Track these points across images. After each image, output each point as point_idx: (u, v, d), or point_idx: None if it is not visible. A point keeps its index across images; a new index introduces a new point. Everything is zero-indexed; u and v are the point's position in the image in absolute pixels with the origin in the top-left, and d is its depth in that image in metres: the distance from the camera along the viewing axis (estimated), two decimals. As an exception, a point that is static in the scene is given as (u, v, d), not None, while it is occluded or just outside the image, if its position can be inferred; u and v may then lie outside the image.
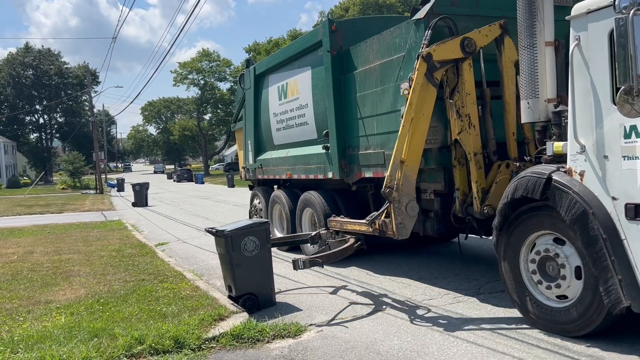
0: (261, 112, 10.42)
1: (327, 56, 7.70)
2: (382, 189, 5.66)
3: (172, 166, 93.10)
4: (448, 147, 6.01)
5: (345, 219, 7.08)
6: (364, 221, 6.38)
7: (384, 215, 5.84)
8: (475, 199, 5.63)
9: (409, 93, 5.54)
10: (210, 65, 63.27)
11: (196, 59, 62.91)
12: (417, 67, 5.49)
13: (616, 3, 3.46)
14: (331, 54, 7.63)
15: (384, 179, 5.79)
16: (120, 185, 40.51)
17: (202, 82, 63.67)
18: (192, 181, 51.49)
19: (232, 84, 61.43)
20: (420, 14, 6.01)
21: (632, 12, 3.35)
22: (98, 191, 39.07)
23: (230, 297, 6.14)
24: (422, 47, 5.62)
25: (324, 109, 8.05)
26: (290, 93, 9.21)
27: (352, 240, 6.75)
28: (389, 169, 5.68)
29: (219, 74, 64.09)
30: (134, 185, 24.86)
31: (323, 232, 7.36)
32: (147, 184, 25.65)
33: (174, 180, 56.22)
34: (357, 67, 7.37)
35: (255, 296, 5.93)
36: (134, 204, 24.32)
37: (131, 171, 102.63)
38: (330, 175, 7.98)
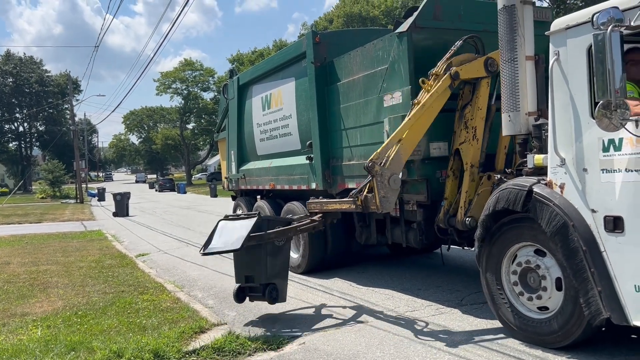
0: (245, 123, 10.40)
1: (311, 67, 7.73)
2: (365, 164, 5.63)
3: (154, 176, 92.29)
4: (430, 159, 6.07)
5: (325, 199, 6.88)
6: (345, 199, 6.30)
7: (366, 190, 5.79)
8: (461, 208, 5.69)
9: (425, 91, 5.66)
10: (194, 74, 63.07)
11: (179, 69, 62.65)
12: (441, 78, 5.59)
13: (594, 19, 3.52)
14: (315, 66, 7.65)
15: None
16: (101, 195, 39.99)
17: (185, 91, 63.40)
18: (175, 191, 51.07)
19: (215, 93, 61.26)
20: (403, 27, 6.07)
21: (609, 28, 3.41)
22: (78, 200, 38.52)
23: (242, 288, 6.02)
24: (445, 60, 5.70)
25: (307, 119, 8.06)
26: (274, 103, 9.20)
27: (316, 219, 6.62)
28: (380, 149, 5.66)
29: (203, 83, 63.90)
30: (115, 195, 24.56)
31: (295, 217, 7.29)
32: (129, 193, 25.36)
33: (156, 190, 55.69)
34: (341, 78, 7.40)
35: (277, 287, 5.90)
36: (115, 214, 24.02)
37: (112, 180, 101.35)
38: (313, 186, 7.97)
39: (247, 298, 6.07)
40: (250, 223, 5.84)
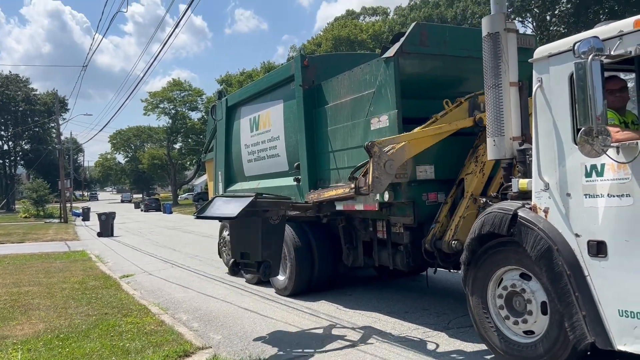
0: (232, 143, 10.41)
1: (299, 90, 7.79)
2: (366, 143, 5.66)
3: (140, 195, 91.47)
4: (417, 181, 6.12)
5: (323, 189, 6.97)
6: (340, 184, 6.41)
7: (362, 173, 5.79)
8: (450, 230, 5.73)
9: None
10: (182, 94, 63.10)
11: (167, 89, 62.65)
12: (459, 107, 5.91)
13: (575, 48, 3.61)
14: (303, 88, 7.72)
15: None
16: (85, 215, 39.47)
17: (173, 111, 63.32)
18: (160, 211, 50.60)
19: (203, 113, 61.24)
20: (390, 52, 6.16)
21: (590, 57, 3.50)
22: (62, 220, 37.98)
23: (237, 263, 6.25)
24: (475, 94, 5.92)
25: (295, 141, 8.10)
26: (262, 125, 9.24)
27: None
28: (386, 138, 5.73)
29: (191, 103, 63.90)
30: (99, 215, 24.29)
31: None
32: (114, 213, 25.09)
33: (142, 210, 55.13)
34: (329, 101, 7.47)
35: (271, 265, 6.01)
36: (99, 234, 23.73)
37: (97, 200, 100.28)
38: (300, 207, 7.96)
39: (242, 272, 6.29)
40: (248, 199, 6.00)
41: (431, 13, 43.64)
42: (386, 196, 6.09)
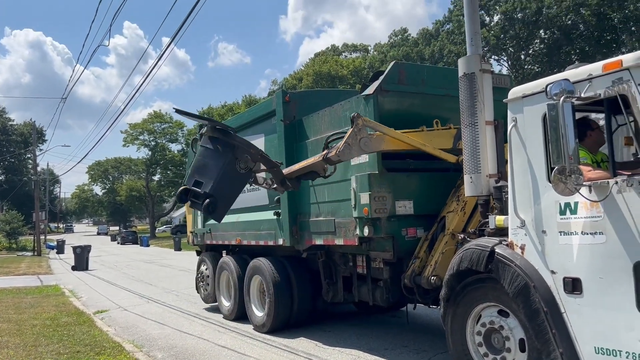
0: (212, 177, 10.36)
1: (280, 125, 7.86)
2: (354, 114, 5.80)
3: (117, 227, 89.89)
4: (396, 216, 6.16)
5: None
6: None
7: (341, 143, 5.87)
8: (430, 266, 5.74)
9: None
10: (162, 126, 62.93)
11: (147, 120, 62.47)
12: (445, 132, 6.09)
13: (548, 90, 3.74)
14: (284, 123, 7.79)
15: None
16: (60, 247, 38.55)
17: (152, 143, 63.01)
18: (137, 243, 49.72)
19: (183, 145, 61.04)
20: (370, 90, 6.29)
21: (562, 98, 3.62)
22: (36, 253, 37.03)
23: (187, 190, 5.71)
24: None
25: (275, 175, 8.11)
26: (242, 159, 9.24)
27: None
28: (376, 124, 5.87)
29: (171, 135, 63.72)
30: (74, 248, 23.77)
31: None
32: (89, 246, 24.58)
33: (118, 243, 54.11)
34: (310, 136, 7.54)
35: (217, 205, 5.65)
36: (74, 268, 23.16)
37: (73, 232, 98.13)
38: (280, 241, 7.93)
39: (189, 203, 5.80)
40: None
41: (409, 51, 44.76)
42: (366, 231, 6.11)
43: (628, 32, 33.97)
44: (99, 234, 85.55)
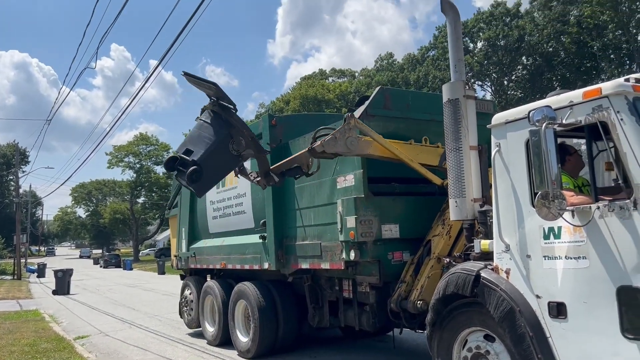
0: (197, 200, 10.31)
1: (266, 148, 7.86)
2: (348, 114, 5.92)
3: (100, 251, 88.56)
4: (382, 240, 6.16)
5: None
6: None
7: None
8: (416, 290, 5.72)
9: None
10: (148, 149, 62.62)
11: (133, 143, 62.15)
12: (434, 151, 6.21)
13: (530, 116, 3.81)
14: (271, 147, 7.80)
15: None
16: (40, 271, 37.80)
17: (137, 165, 62.58)
18: (120, 267, 48.96)
19: (169, 168, 60.67)
20: (356, 114, 6.34)
21: (544, 125, 3.69)
22: (15, 277, 36.23)
23: (175, 158, 5.63)
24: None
25: (262, 198, 8.09)
26: (228, 182, 9.22)
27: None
28: (368, 128, 5.97)
29: (157, 157, 63.39)
30: (56, 272, 23.32)
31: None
32: (71, 270, 24.14)
33: (101, 266, 53.27)
34: (296, 160, 7.54)
35: (203, 176, 5.54)
36: (55, 292, 22.70)
37: (54, 255, 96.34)
38: (266, 265, 7.87)
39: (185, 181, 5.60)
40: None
41: (395, 76, 45.39)
42: (352, 255, 6.09)
43: (607, 60, 34.88)
44: (81, 257, 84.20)
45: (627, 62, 34.78)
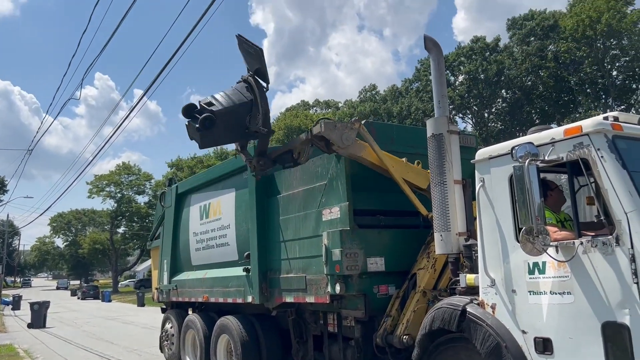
0: (180, 231, 10.21)
1: (251, 180, 7.86)
2: (357, 119, 6.10)
3: (78, 282, 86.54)
4: (368, 273, 6.13)
5: None
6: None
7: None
8: (402, 324, 5.68)
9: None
10: (130, 178, 62.01)
11: (115, 172, 61.55)
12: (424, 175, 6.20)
13: (513, 152, 3.88)
14: (256, 178, 7.79)
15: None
16: (15, 303, 36.69)
17: (119, 195, 61.82)
18: (99, 299, 47.87)
19: (150, 197, 60.09)
20: (342, 147, 6.38)
21: (527, 161, 3.76)
22: (-11, 309, 35.17)
23: (194, 106, 5.95)
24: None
25: (246, 230, 8.04)
26: (212, 213, 9.17)
27: None
28: (367, 133, 6.12)
29: (138, 187, 62.77)
30: (32, 304, 22.70)
31: None
32: (48, 302, 23.52)
33: (79, 298, 52.00)
34: (281, 191, 7.54)
35: (215, 124, 5.83)
36: (30, 325, 22.03)
37: (31, 287, 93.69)
38: (249, 299, 7.76)
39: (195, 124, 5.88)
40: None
41: (378, 107, 46.00)
42: (337, 288, 6.04)
43: (584, 94, 35.87)
44: (58, 288, 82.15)
45: (603, 96, 35.80)
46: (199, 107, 5.88)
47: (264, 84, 6.18)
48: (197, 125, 5.74)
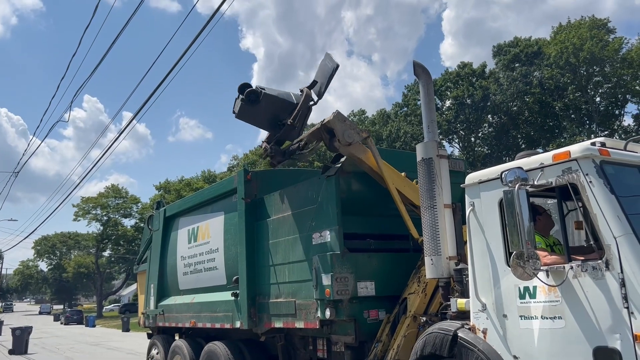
0: (168, 255, 10.09)
1: (241, 203, 7.83)
2: (366, 132, 6.30)
3: (61, 306, 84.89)
4: (358, 298, 6.08)
5: None
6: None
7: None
8: (392, 349, 5.62)
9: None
10: (117, 201, 61.38)
11: (102, 195, 60.89)
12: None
13: (502, 177, 3.91)
14: (245, 202, 7.76)
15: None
16: (-4, 329, 35.91)
17: (105, 218, 61.08)
18: (83, 324, 46.91)
19: (137, 220, 59.48)
20: (331, 171, 6.41)
21: (516, 186, 3.79)
22: (-32, 335, 34.28)
23: (250, 86, 6.88)
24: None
25: (235, 254, 7.97)
26: (201, 236, 9.09)
27: None
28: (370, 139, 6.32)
29: (125, 210, 62.10)
30: (13, 330, 22.15)
31: None
32: (30, 327, 22.98)
33: (62, 323, 50.93)
34: (271, 215, 7.51)
35: (259, 99, 6.79)
36: (11, 352, 21.47)
37: (12, 312, 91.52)
38: (238, 324, 7.64)
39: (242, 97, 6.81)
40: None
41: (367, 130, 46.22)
42: (327, 313, 5.99)
43: (568, 119, 36.47)
44: (41, 313, 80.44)
45: (587, 121, 36.42)
46: (253, 87, 6.78)
47: (315, 98, 6.86)
48: (242, 97, 6.60)
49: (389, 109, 47.62)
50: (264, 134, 7.68)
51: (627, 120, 36.37)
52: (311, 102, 6.90)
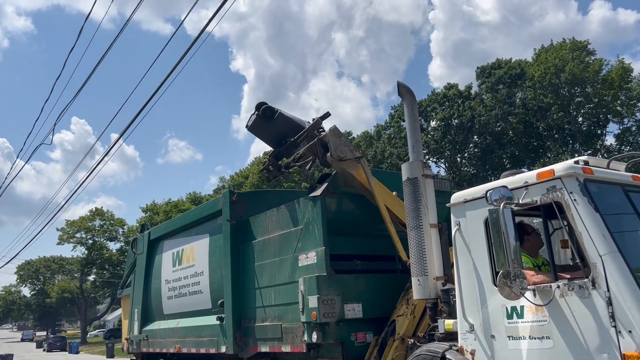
0: (152, 279, 9.92)
1: (226, 225, 7.74)
2: (362, 153, 6.52)
3: (44, 333, 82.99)
4: (345, 320, 6.00)
5: None
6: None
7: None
8: None
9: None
10: (102, 224, 60.57)
11: (87, 218, 60.05)
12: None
13: (487, 196, 3.90)
14: (231, 223, 7.68)
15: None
16: (-24, 357, 34.95)
17: (90, 241, 60.17)
18: (66, 350, 45.85)
19: (122, 244, 58.67)
20: (317, 192, 6.38)
21: (502, 204, 3.78)
22: (-54, 364, 33.29)
23: (265, 104, 7.18)
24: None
25: (220, 277, 7.85)
26: (185, 259, 8.96)
27: None
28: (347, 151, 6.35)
29: (110, 233, 61.25)
30: (-7, 358, 21.61)
31: None
32: (11, 355, 22.47)
33: (44, 350, 49.75)
34: (257, 236, 7.43)
35: (274, 114, 7.10)
36: (-10, 381, 20.90)
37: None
38: (223, 349, 7.49)
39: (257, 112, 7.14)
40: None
41: (353, 152, 46.27)
42: (314, 337, 5.88)
43: (552, 139, 36.95)
44: (23, 340, 78.56)
45: (570, 141, 36.93)
46: (268, 106, 7.15)
47: (325, 128, 6.92)
48: (258, 112, 7.02)
49: (372, 130, 47.84)
50: (254, 155, 8.01)
51: (609, 140, 36.88)
52: (320, 129, 6.97)
